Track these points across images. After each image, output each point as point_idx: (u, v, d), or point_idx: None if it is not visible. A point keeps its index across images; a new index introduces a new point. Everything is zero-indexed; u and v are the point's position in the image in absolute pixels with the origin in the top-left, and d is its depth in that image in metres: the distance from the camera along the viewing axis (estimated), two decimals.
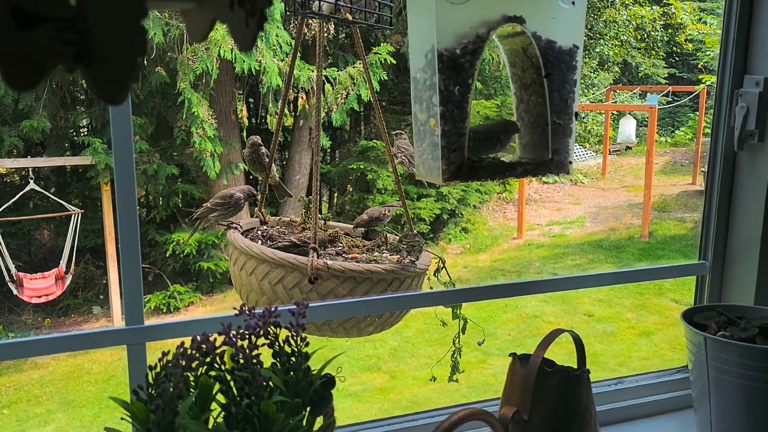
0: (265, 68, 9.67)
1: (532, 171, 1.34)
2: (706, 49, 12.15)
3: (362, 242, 1.86)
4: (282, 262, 1.54)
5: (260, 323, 0.91)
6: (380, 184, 12.02)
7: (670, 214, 14.29)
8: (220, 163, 10.26)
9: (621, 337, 9.12)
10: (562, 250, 12.52)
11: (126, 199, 1.24)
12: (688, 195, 15.34)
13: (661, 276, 1.70)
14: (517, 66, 1.36)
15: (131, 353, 1.20)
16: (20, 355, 1.14)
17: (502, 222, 14.27)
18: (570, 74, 1.32)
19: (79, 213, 9.85)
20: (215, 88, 10.20)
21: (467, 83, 1.23)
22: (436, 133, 1.23)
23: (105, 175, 9.98)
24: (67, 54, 0.58)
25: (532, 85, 1.33)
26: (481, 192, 13.79)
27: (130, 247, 1.21)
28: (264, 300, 1.59)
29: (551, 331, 1.33)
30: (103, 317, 10.57)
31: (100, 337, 1.20)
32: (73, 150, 11.43)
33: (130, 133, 1.27)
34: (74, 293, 10.82)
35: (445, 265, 1.71)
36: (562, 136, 1.34)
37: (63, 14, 0.55)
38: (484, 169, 1.28)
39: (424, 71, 1.26)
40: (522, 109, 1.37)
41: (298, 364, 0.90)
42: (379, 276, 1.57)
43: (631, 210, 14.59)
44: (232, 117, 11.22)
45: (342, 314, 1.47)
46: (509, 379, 1.35)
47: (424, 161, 1.30)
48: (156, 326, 1.24)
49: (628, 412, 1.59)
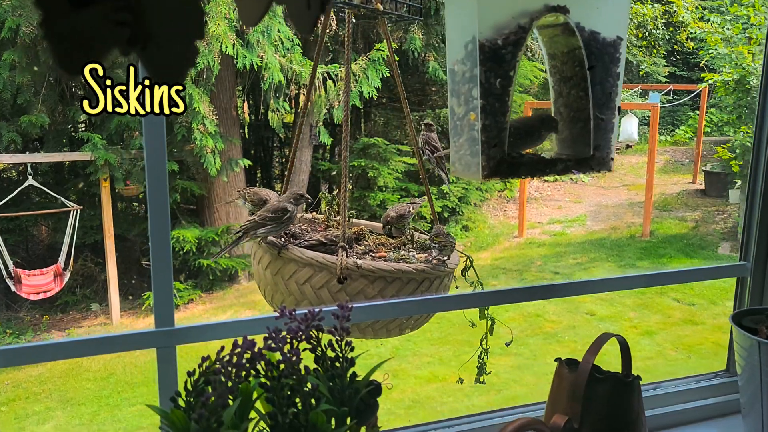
0: (266, 64, 9.60)
1: (573, 168, 1.29)
2: (708, 48, 12.09)
3: (388, 240, 1.80)
4: (310, 262, 1.49)
5: (302, 327, 0.86)
6: (381, 182, 11.97)
7: (670, 213, 14.28)
8: (220, 159, 10.19)
9: (624, 336, 9.07)
10: (564, 249, 12.49)
11: (158, 199, 1.19)
12: (689, 194, 15.33)
13: (699, 278, 1.65)
14: (557, 58, 1.31)
15: (161, 356, 1.15)
16: (47, 358, 1.09)
17: (502, 220, 14.23)
18: (613, 67, 1.27)
19: (78, 209, 9.79)
20: (216, 84, 10.12)
21: (509, 75, 1.18)
22: (476, 128, 1.18)
23: (104, 171, 9.91)
24: (122, 36, 0.53)
25: (573, 78, 1.28)
26: (482, 190, 13.76)
27: (161, 248, 1.16)
28: (290, 301, 1.54)
29: (599, 335, 1.28)
30: (101, 314, 10.50)
31: (128, 339, 1.15)
32: (71, 146, 11.36)
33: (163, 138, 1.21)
34: (72, 290, 10.75)
35: (473, 264, 1.65)
36: (604, 132, 1.29)
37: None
38: (524, 165, 1.23)
39: (463, 63, 1.21)
40: (561, 103, 1.32)
41: (343, 370, 0.85)
42: (409, 276, 1.52)
43: (632, 209, 14.58)
44: (233, 113, 11.15)
45: (385, 316, 1.42)
46: (555, 384, 1.29)
47: (461, 157, 1.25)
48: (187, 328, 1.18)
49: (669, 419, 1.54)
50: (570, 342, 8.57)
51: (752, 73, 11.15)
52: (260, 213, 1.76)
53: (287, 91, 10.25)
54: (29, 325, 10.02)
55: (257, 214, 1.77)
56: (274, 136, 14.47)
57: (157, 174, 1.26)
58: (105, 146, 9.84)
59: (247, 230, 1.76)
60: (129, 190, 10.77)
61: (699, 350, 8.40)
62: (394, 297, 1.49)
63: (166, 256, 1.17)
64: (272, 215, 1.70)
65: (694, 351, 8.40)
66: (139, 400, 7.62)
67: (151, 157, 1.24)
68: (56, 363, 8.82)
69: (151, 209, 1.18)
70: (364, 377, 0.88)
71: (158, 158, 1.25)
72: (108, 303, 10.22)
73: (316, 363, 0.89)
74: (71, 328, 10.02)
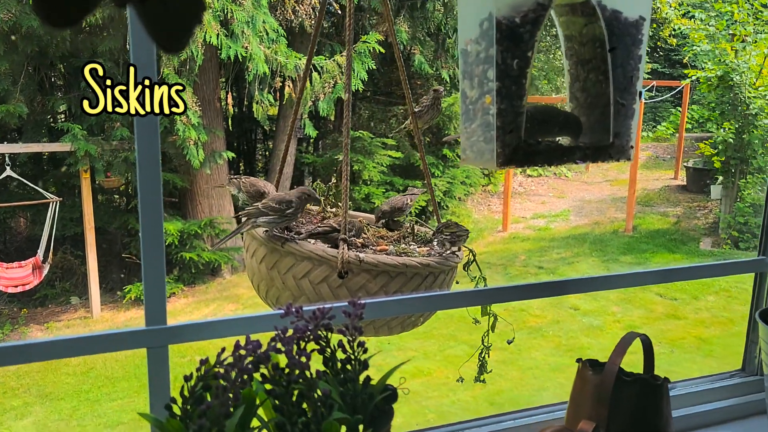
0: (251, 55, 9.46)
1: (592, 156, 1.22)
2: (692, 44, 12.13)
3: (387, 233, 1.72)
4: (309, 255, 1.40)
5: (310, 326, 0.78)
6: (366, 175, 11.89)
7: (653, 208, 14.39)
8: (203, 151, 10.04)
9: (607, 330, 9.11)
10: (547, 244, 12.53)
11: (149, 193, 1.10)
12: (671, 190, 15.44)
13: (716, 273, 1.59)
14: (574, 40, 1.23)
15: (152, 357, 1.06)
16: (25, 360, 1.00)
17: (487, 215, 14.23)
18: (635, 49, 1.20)
19: (58, 201, 9.60)
20: (199, 75, 9.97)
21: (526, 56, 1.10)
22: (491, 112, 1.10)
23: (84, 162, 9.73)
24: None
25: (592, 61, 1.21)
26: (466, 184, 13.74)
27: (153, 241, 1.07)
28: (286, 296, 1.45)
29: (626, 334, 1.20)
30: (81, 308, 10.34)
31: (116, 339, 1.06)
32: (51, 136, 11.16)
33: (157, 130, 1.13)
34: (52, 283, 10.58)
35: (476, 258, 1.58)
36: (625, 118, 1.22)
37: None
38: (540, 153, 1.16)
39: (478, 42, 1.13)
40: (577, 88, 1.25)
41: (355, 373, 0.77)
42: (414, 270, 1.44)
43: (615, 204, 14.67)
44: (217, 105, 11.00)
45: (395, 312, 1.34)
46: (578, 387, 1.22)
47: (474, 144, 1.17)
48: (181, 327, 1.09)
49: (689, 421, 1.47)
50: (554, 337, 8.58)
51: (735, 70, 11.20)
52: (264, 202, 1.66)
53: (272, 82, 10.12)
54: (7, 319, 9.84)
55: (261, 202, 1.67)
56: (258, 129, 14.33)
57: (150, 165, 1.18)
58: (85, 137, 9.66)
59: (250, 215, 1.66)
60: (110, 182, 10.59)
61: (682, 344, 8.45)
62: (397, 293, 1.42)
63: (158, 251, 1.08)
64: (276, 206, 1.61)
65: (676, 345, 8.45)
66: (120, 395, 7.51)
67: (142, 148, 1.15)
68: None
69: (143, 202, 1.10)
70: (378, 381, 0.81)
71: (151, 151, 1.16)
72: (88, 296, 10.06)
73: (324, 365, 0.81)
74: (50, 321, 9.85)
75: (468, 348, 8.22)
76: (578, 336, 8.75)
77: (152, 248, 1.09)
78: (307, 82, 10.04)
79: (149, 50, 1.16)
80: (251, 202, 1.77)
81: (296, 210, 1.63)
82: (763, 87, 11.25)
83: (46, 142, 10.82)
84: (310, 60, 1.89)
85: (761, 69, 11.28)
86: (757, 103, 11.02)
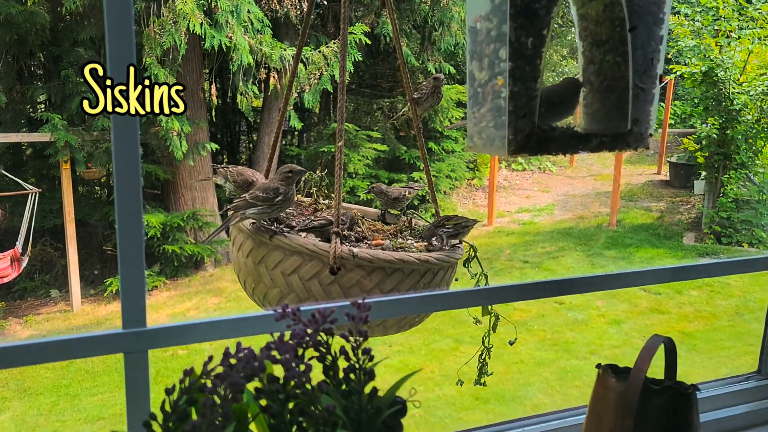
0: (235, 45, 9.31)
1: (609, 144, 1.13)
2: (677, 40, 12.12)
3: (383, 226, 1.63)
4: (299, 249, 1.30)
5: (309, 330, 0.69)
6: (351, 168, 11.78)
7: (636, 203, 14.45)
8: (186, 143, 9.88)
9: (592, 325, 9.12)
10: (532, 238, 12.53)
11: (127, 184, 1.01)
12: (654, 184, 15.52)
13: (733, 271, 1.51)
14: (589, 19, 1.15)
15: (129, 363, 0.95)
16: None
17: (472, 209, 14.20)
18: (656, 28, 1.11)
19: (37, 192, 9.41)
20: (183, 65, 9.79)
21: (542, 34, 1.02)
22: (502, 96, 1.02)
23: (64, 152, 9.55)
24: None
25: (609, 42, 1.13)
26: (451, 178, 13.69)
27: (130, 235, 0.97)
28: (275, 293, 1.35)
29: (650, 338, 1.12)
30: (61, 301, 10.17)
31: (88, 344, 0.95)
32: (30, 126, 10.96)
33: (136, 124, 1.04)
34: (31, 276, 10.40)
35: (476, 253, 1.50)
36: (644, 103, 1.14)
37: None
38: (555, 140, 1.07)
39: (488, 19, 1.04)
40: (591, 71, 1.17)
41: (360, 384, 0.69)
42: (412, 266, 1.34)
43: (599, 198, 14.71)
44: (200, 95, 10.83)
45: (395, 314, 1.24)
46: (599, 396, 1.13)
47: (482, 130, 1.09)
48: (162, 329, 0.98)
49: (708, 429, 1.38)
50: (539, 331, 8.56)
51: (720, 65, 11.21)
52: (251, 192, 1.55)
53: (256, 73, 9.97)
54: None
55: (249, 193, 1.55)
56: (242, 120, 14.16)
57: (127, 151, 1.08)
58: (65, 127, 9.47)
59: (237, 208, 1.55)
60: (91, 173, 10.41)
61: None
62: (393, 290, 1.33)
63: (136, 245, 0.98)
64: (263, 195, 1.50)
65: None
66: (101, 389, 7.38)
67: (119, 137, 1.06)
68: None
69: (119, 193, 1.00)
70: (386, 393, 0.72)
71: (128, 138, 1.07)
72: (68, 289, 9.89)
73: (324, 375, 0.72)
74: (29, 315, 9.68)
75: (452, 342, 8.18)
76: (563, 330, 8.75)
77: (130, 244, 0.99)
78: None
79: (128, 39, 1.07)
80: (239, 193, 1.67)
81: (287, 195, 1.52)
82: (747, 83, 11.27)
83: (25, 132, 10.62)
84: (300, 50, 1.80)
85: (745, 65, 11.30)
86: (741, 99, 11.04)
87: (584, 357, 8.05)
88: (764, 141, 11.29)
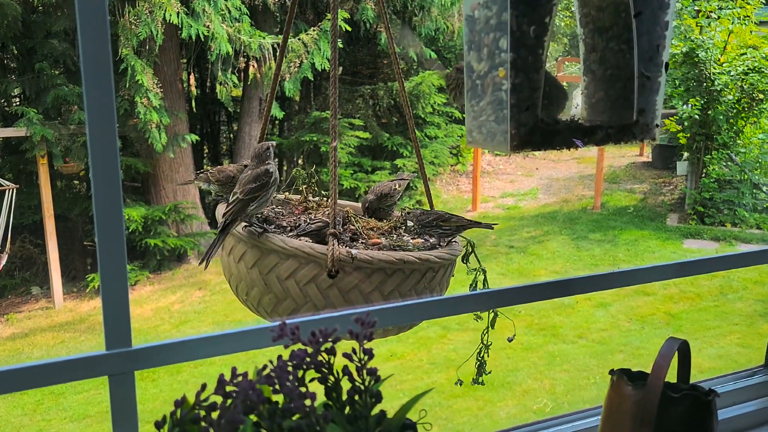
0: (213, 34, 9.15)
1: (615, 136, 1.09)
2: None
3: (377, 224, 1.56)
4: (295, 252, 1.24)
5: (310, 350, 0.63)
6: None
7: (619, 185, 14.52)
8: (166, 134, 9.74)
9: (578, 308, 9.16)
10: (517, 222, 12.55)
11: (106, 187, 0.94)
12: (636, 167, 15.60)
13: (741, 264, 1.47)
14: (590, 5, 1.09)
15: (115, 386, 0.89)
16: None
17: (456, 195, 14.18)
18: (662, 14, 1.06)
19: (14, 188, 9.24)
20: (160, 55, 9.63)
21: (544, 22, 0.97)
22: (504, 88, 0.96)
23: (41, 147, 9.39)
24: None
25: (612, 28, 1.07)
26: (435, 164, 13.63)
27: (111, 237, 0.91)
28: (270, 299, 1.29)
29: (666, 342, 1.07)
30: (43, 298, 10.03)
31: (66, 368, 0.88)
32: (5, 121, 10.74)
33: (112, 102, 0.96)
34: (11, 273, 10.24)
35: (474, 249, 1.45)
36: (650, 93, 1.09)
37: None
38: (560, 133, 1.02)
39: (487, 6, 0.98)
40: (593, 60, 1.11)
41: (367, 407, 0.63)
42: (412, 266, 1.29)
43: (582, 182, 14.76)
44: (179, 86, 10.66)
45: (397, 322, 1.18)
46: (614, 403, 1.08)
47: (482, 124, 1.03)
48: (150, 348, 0.90)
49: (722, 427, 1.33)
50: (526, 316, 8.58)
51: (700, 46, 11.23)
52: (242, 188, 1.44)
53: (236, 62, 9.83)
54: None
55: (240, 191, 1.44)
56: (221, 110, 13.98)
57: (104, 141, 1.01)
58: (41, 121, 9.29)
59: (237, 215, 1.43)
60: (69, 168, 10.23)
61: (651, 321, 8.53)
62: (394, 291, 1.27)
63: (117, 248, 0.91)
64: (257, 184, 1.41)
65: (646, 322, 8.52)
66: (85, 387, 7.29)
67: (95, 123, 0.98)
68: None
69: (97, 195, 0.93)
70: (395, 415, 0.67)
71: (106, 123, 0.99)
72: (50, 286, 9.75)
73: (327, 397, 0.66)
74: (11, 313, 9.53)
75: (440, 330, 8.17)
76: (550, 315, 8.78)
77: (110, 248, 0.92)
78: (272, 62, 9.76)
79: (102, 30, 0.99)
80: (224, 191, 1.60)
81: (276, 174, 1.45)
82: (728, 63, 11.31)
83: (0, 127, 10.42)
84: (286, 38, 1.72)
85: (726, 45, 11.33)
86: (722, 79, 11.08)
87: (572, 341, 8.08)
88: (745, 121, 11.35)
